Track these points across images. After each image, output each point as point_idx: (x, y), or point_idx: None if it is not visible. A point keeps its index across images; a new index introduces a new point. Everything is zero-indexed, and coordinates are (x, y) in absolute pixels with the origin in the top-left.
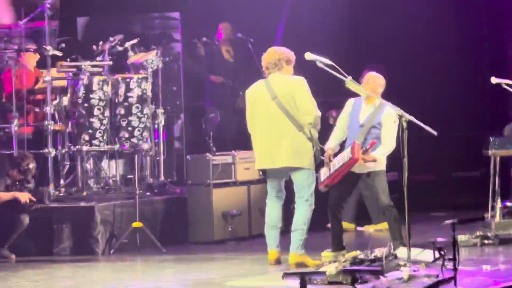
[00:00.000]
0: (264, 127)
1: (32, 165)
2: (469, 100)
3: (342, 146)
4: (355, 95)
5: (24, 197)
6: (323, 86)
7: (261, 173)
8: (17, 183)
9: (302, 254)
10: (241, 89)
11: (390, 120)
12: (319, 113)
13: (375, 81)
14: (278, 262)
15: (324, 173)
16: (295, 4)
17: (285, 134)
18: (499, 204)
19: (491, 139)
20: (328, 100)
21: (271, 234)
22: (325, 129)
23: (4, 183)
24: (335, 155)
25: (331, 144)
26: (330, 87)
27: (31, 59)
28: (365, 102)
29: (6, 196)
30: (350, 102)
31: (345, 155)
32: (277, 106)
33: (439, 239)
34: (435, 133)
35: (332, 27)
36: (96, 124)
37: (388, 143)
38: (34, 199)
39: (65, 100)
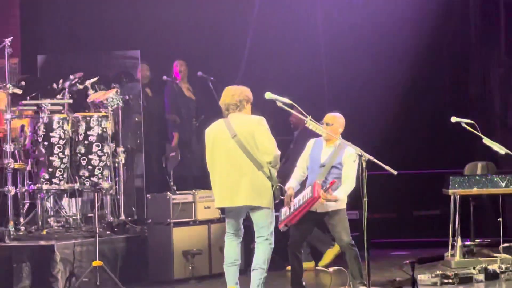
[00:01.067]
0: (223, 166)
1: None
2: (430, 138)
3: (303, 185)
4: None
5: None
6: (283, 124)
7: (220, 211)
8: None
9: None
10: (203, 127)
11: (351, 159)
12: (278, 152)
13: (335, 121)
14: None
15: (284, 212)
16: (256, 43)
17: (244, 173)
18: (459, 242)
19: (451, 178)
20: (288, 138)
21: (230, 271)
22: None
23: None
24: (296, 194)
25: (292, 183)
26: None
27: None
28: (325, 142)
29: None
30: (311, 142)
31: (306, 194)
32: (237, 145)
33: (399, 279)
34: (394, 172)
35: (294, 66)
36: (56, 162)
37: (349, 182)
38: None
39: (25, 139)
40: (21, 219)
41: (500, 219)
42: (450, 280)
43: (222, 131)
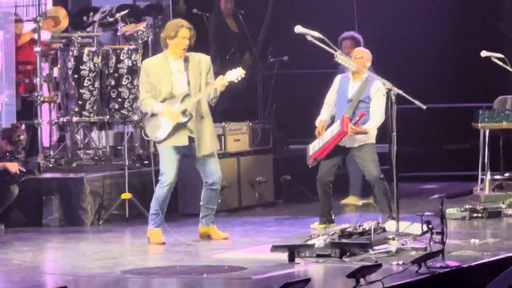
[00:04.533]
0: None
1: (23, 137)
2: (459, 72)
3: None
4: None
5: (14, 167)
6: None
7: None
8: (7, 154)
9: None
10: (232, 61)
11: (379, 93)
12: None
13: (364, 54)
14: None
15: (312, 147)
16: None
17: None
18: (488, 177)
19: (480, 112)
20: (316, 72)
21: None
22: None
23: None
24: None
25: (323, 116)
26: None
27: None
28: (352, 77)
29: None
30: (338, 78)
31: (334, 128)
32: None
33: (428, 213)
34: (424, 107)
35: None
36: (86, 95)
37: (377, 116)
38: (24, 170)
39: (55, 71)
40: (51, 152)
41: None
42: (479, 214)
43: None
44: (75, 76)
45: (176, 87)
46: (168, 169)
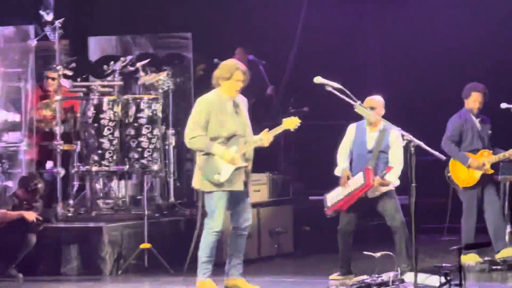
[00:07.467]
0: None
1: (40, 185)
2: None
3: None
4: (359, 118)
5: (31, 216)
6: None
7: None
8: (24, 203)
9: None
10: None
11: (398, 142)
12: (186, 138)
13: (378, 105)
14: None
15: (331, 198)
16: (308, 28)
17: None
18: (508, 229)
19: (501, 164)
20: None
21: None
22: None
23: (12, 203)
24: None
25: (344, 165)
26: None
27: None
28: (369, 127)
29: (13, 215)
30: (352, 127)
31: (357, 181)
32: None
33: (445, 264)
34: (443, 158)
35: (345, 54)
36: (106, 144)
37: (398, 165)
38: (41, 219)
39: (75, 120)
40: (70, 201)
41: None
42: (499, 267)
43: None
44: (95, 125)
45: (237, 128)
46: (220, 214)
